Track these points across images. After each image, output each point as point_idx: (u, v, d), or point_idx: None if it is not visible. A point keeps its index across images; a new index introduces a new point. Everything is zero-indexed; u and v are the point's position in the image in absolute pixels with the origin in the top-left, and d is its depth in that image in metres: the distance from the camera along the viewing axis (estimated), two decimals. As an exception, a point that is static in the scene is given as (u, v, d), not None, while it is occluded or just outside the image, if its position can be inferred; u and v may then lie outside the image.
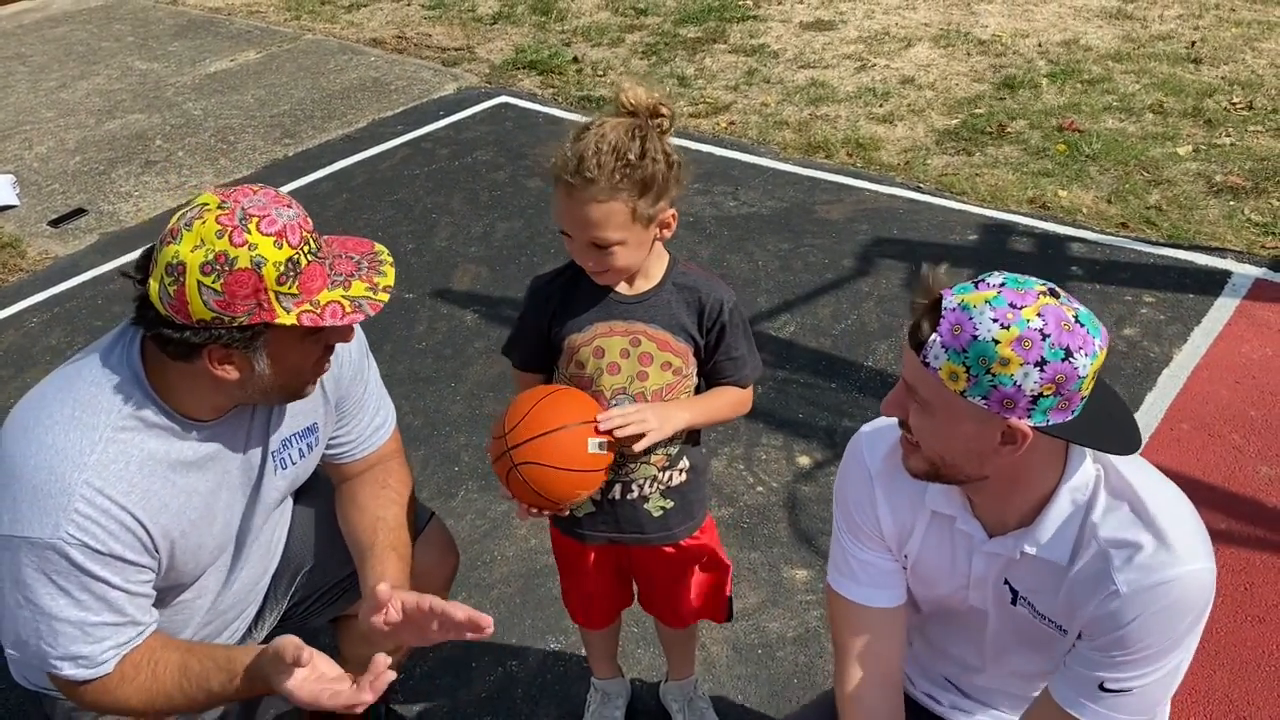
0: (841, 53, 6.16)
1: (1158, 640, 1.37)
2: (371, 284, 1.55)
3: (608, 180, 1.63)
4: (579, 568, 2.09)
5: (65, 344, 3.98)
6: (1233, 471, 3.04)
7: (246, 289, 1.44)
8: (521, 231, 4.54)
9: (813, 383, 3.53)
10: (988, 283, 1.30)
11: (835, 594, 1.63)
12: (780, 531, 2.96)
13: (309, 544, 2.06)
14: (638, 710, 2.48)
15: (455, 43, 6.77)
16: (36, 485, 1.50)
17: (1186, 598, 1.35)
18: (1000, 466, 1.37)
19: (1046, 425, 1.29)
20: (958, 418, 1.32)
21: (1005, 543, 1.46)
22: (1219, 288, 3.86)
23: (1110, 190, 4.55)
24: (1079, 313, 1.27)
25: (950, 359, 1.28)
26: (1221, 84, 5.43)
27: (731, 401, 1.92)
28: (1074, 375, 1.25)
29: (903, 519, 1.55)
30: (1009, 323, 1.24)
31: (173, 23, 7.45)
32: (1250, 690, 2.41)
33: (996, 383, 1.26)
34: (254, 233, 1.44)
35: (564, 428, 1.72)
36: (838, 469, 1.66)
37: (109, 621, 1.57)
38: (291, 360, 1.58)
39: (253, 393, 1.61)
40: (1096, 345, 1.27)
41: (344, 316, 1.51)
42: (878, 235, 4.34)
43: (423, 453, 3.31)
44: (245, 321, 1.47)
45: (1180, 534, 1.36)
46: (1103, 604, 1.38)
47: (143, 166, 5.37)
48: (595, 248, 1.70)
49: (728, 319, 1.84)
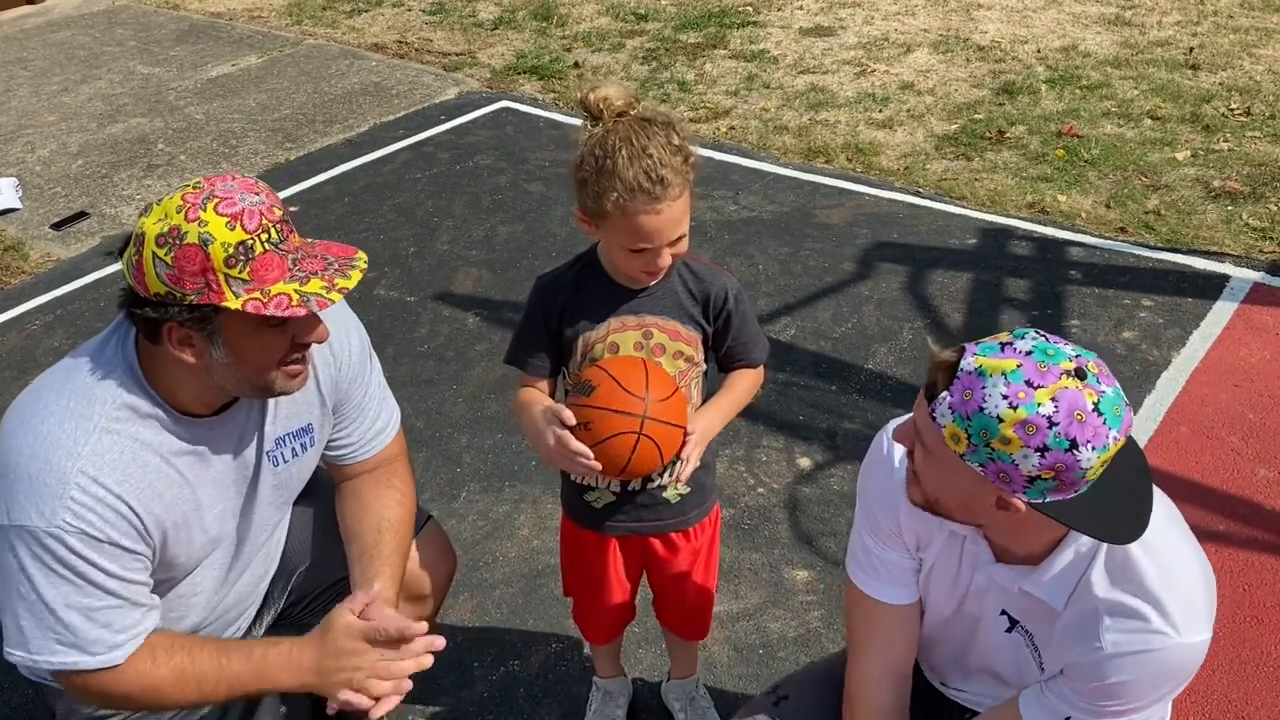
0: (841, 58, 6.19)
1: (1135, 699, 1.37)
2: (330, 283, 1.52)
3: (681, 174, 1.68)
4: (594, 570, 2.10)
5: (67, 346, 3.99)
6: (1231, 474, 3.05)
7: (194, 266, 1.45)
8: (522, 235, 4.56)
9: (813, 385, 3.54)
10: (1014, 348, 1.25)
11: (853, 586, 1.66)
12: (781, 533, 2.97)
13: (306, 544, 2.06)
14: (639, 709, 2.49)
15: (456, 48, 6.80)
16: (32, 475, 1.52)
17: (1172, 666, 1.34)
18: (994, 522, 1.36)
19: (1042, 503, 1.27)
20: (955, 474, 1.31)
21: (1009, 575, 1.46)
22: (1217, 292, 3.88)
23: (1109, 195, 4.57)
24: (1101, 399, 1.21)
25: (955, 421, 1.25)
26: (1219, 90, 5.46)
27: (748, 386, 1.98)
28: (1076, 466, 1.22)
29: (921, 527, 1.55)
30: (1018, 403, 1.20)
31: (174, 27, 7.47)
32: (1249, 691, 2.43)
33: (995, 457, 1.23)
34: (208, 211, 1.46)
35: (678, 389, 1.80)
36: (859, 466, 1.66)
37: (112, 605, 1.58)
38: (249, 351, 1.56)
39: (222, 382, 1.60)
40: (1110, 437, 1.21)
41: (288, 308, 1.49)
42: (877, 239, 4.36)
43: (425, 454, 3.32)
44: (195, 300, 1.47)
45: (1178, 605, 1.33)
46: (1087, 655, 1.38)
47: (145, 170, 5.38)
48: (670, 245, 1.73)
49: (734, 307, 1.88)
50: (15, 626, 1.57)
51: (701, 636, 2.33)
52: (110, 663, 1.60)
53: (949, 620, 1.62)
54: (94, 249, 4.70)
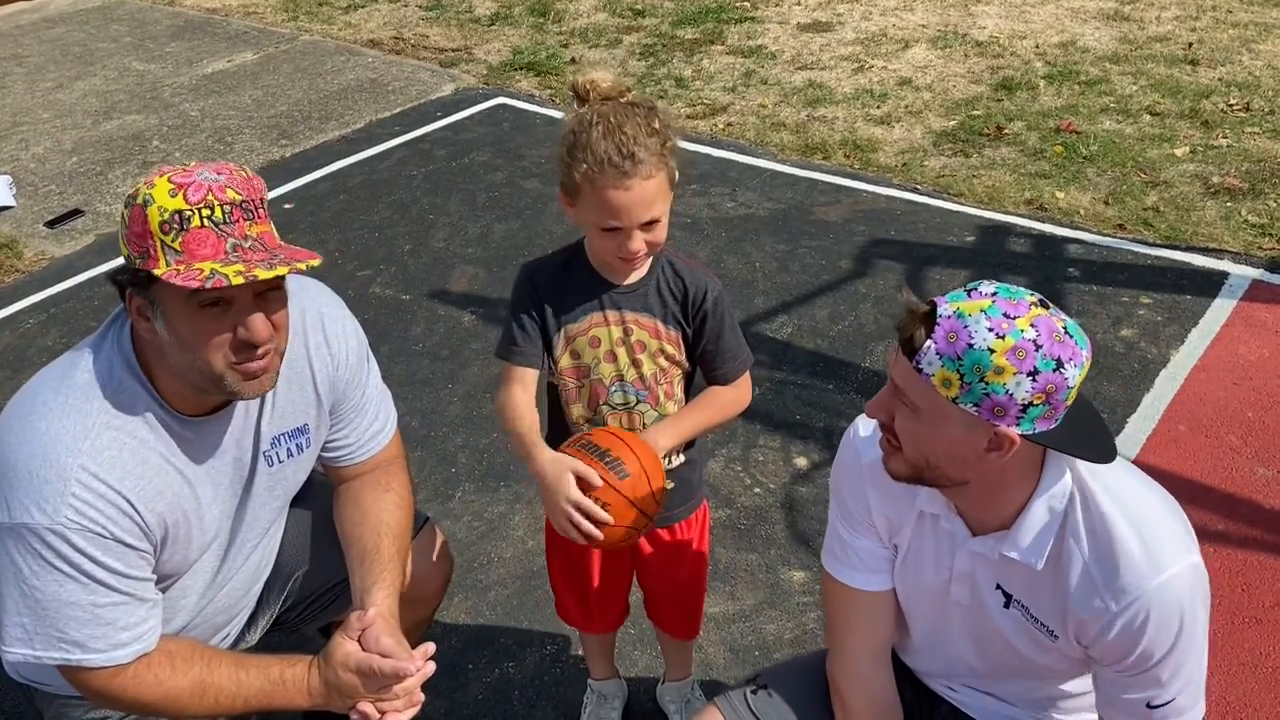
0: (839, 54, 6.17)
1: (1165, 642, 1.40)
2: (250, 273, 1.45)
3: (655, 155, 1.68)
4: (580, 563, 2.09)
5: (61, 345, 3.97)
6: (1229, 473, 3.03)
7: (138, 228, 1.47)
8: (519, 233, 4.54)
9: (810, 384, 3.52)
10: (981, 291, 1.33)
11: (830, 577, 1.69)
12: (777, 533, 2.96)
13: (304, 548, 2.05)
14: (634, 711, 2.48)
15: (453, 44, 6.77)
16: (33, 472, 1.50)
17: (1179, 594, 1.38)
18: (981, 473, 1.40)
19: (1033, 433, 1.32)
20: (946, 423, 1.35)
21: (986, 543, 1.49)
22: (1216, 289, 3.86)
23: (1107, 191, 4.55)
24: (1067, 324, 1.31)
25: (944, 366, 1.30)
26: (1219, 85, 5.44)
27: (721, 405, 1.93)
28: (1063, 385, 1.29)
29: (893, 512, 1.59)
30: (1004, 332, 1.27)
31: (170, 23, 7.44)
32: (1247, 691, 2.41)
33: (989, 391, 1.28)
34: (161, 180, 1.48)
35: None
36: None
37: (116, 602, 1.57)
38: (185, 332, 1.51)
39: (181, 369, 1.55)
40: (1084, 356, 1.30)
41: (184, 278, 1.42)
42: (875, 236, 4.34)
43: (420, 454, 3.30)
44: (139, 265, 1.49)
45: (1159, 537, 1.39)
46: (1096, 620, 1.41)
47: (140, 167, 5.36)
48: (645, 229, 1.72)
49: (710, 308, 1.85)
50: (17, 624, 1.56)
51: (692, 636, 2.31)
52: (115, 660, 1.59)
53: (943, 613, 1.62)
54: (88, 247, 4.68)
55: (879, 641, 1.70)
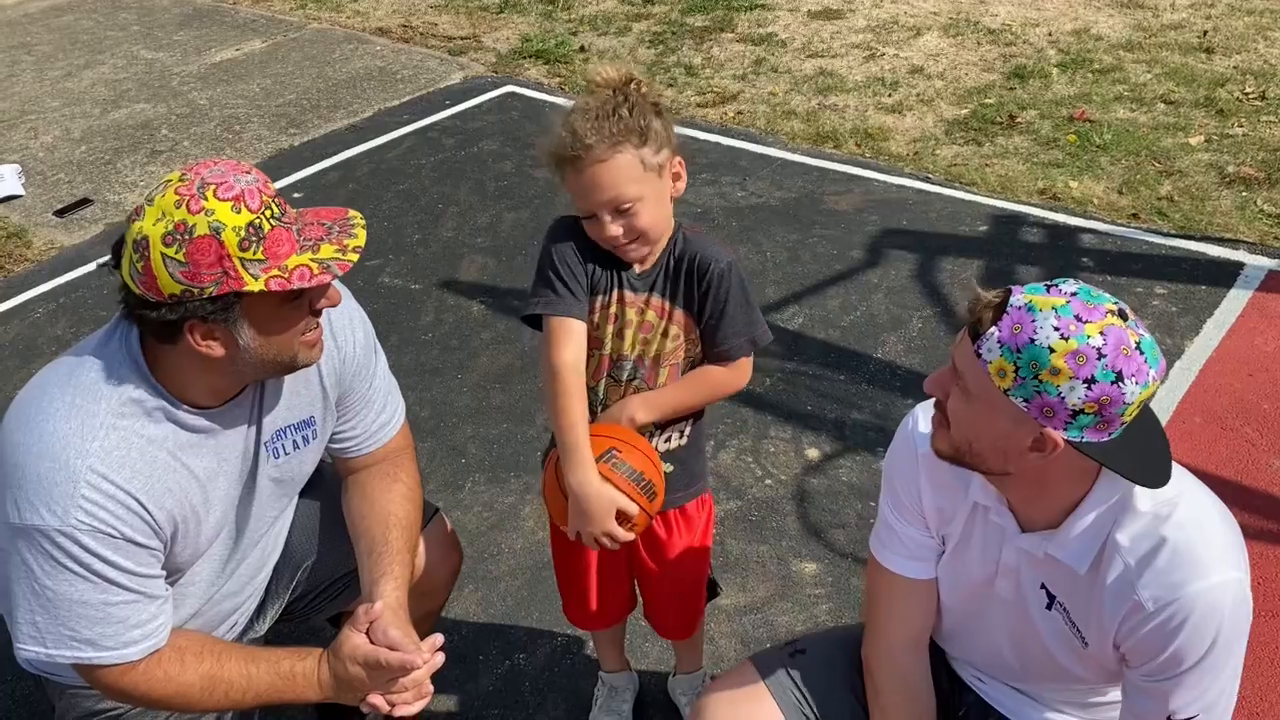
0: (850, 42, 6.12)
1: (1197, 651, 1.37)
2: (341, 246, 1.53)
3: (608, 138, 1.67)
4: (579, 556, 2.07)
5: (71, 334, 3.97)
6: (1245, 465, 3.01)
7: (209, 256, 1.44)
8: (528, 222, 4.52)
9: (821, 375, 3.50)
10: (1060, 289, 1.31)
11: (875, 561, 1.70)
12: (789, 525, 2.94)
13: (312, 538, 2.04)
14: (646, 704, 2.47)
15: (461, 32, 6.74)
16: (41, 474, 1.50)
17: (1216, 604, 1.35)
18: (1023, 469, 1.38)
19: (1080, 441, 1.30)
20: (995, 412, 1.33)
21: (1033, 540, 1.48)
22: (1231, 279, 3.83)
23: (1121, 181, 4.51)
24: (1142, 340, 1.28)
25: (1003, 355, 1.29)
26: (1234, 74, 5.39)
27: (708, 385, 1.88)
28: (1119, 400, 1.26)
29: (946, 503, 1.58)
30: (1069, 334, 1.25)
31: (178, 11, 7.43)
32: (1264, 686, 2.39)
33: (1042, 389, 1.27)
34: (210, 199, 1.44)
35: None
36: (868, 457, 1.76)
37: (127, 600, 1.58)
38: (275, 329, 1.57)
39: (245, 369, 1.60)
40: (1151, 375, 1.27)
41: (312, 278, 1.50)
42: (887, 226, 4.31)
43: (429, 445, 3.29)
44: (215, 291, 1.46)
45: (1205, 547, 1.36)
46: (1129, 619, 1.40)
47: (148, 156, 5.35)
48: (618, 214, 1.71)
49: (714, 280, 1.80)
50: (30, 622, 1.56)
51: (686, 635, 2.27)
52: (126, 658, 1.60)
53: (985, 606, 1.61)
54: (98, 236, 4.68)
55: (916, 628, 1.70)
